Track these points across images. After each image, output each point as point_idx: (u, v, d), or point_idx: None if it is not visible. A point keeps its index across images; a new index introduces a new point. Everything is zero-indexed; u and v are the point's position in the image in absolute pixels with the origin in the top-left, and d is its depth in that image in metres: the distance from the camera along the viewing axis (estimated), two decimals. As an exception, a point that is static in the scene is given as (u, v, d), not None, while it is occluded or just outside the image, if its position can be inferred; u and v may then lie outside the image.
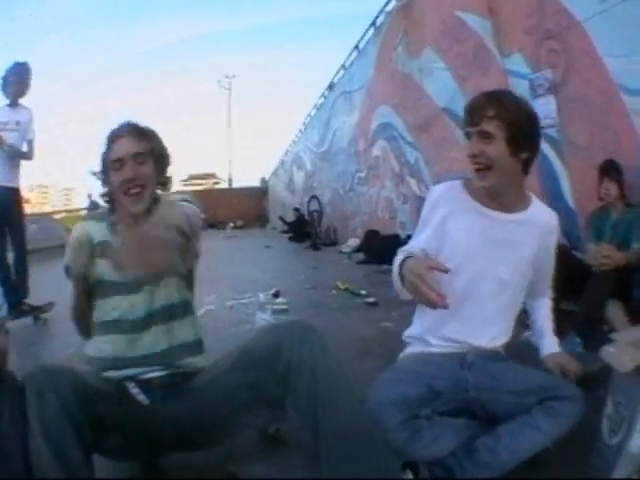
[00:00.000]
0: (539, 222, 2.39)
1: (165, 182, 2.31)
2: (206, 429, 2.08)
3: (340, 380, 1.77)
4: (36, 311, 5.96)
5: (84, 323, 2.25)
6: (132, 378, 2.10)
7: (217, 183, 60.51)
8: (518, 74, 5.91)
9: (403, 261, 2.05)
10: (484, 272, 2.35)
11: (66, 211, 28.06)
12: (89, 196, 16.91)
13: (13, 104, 6.06)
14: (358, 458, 1.67)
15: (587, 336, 3.68)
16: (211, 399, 2.03)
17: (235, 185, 40.15)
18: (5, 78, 6.02)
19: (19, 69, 6.09)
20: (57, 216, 22.46)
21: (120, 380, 2.09)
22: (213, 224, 27.15)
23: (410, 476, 2.02)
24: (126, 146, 2.15)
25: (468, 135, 2.28)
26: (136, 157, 2.13)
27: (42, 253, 11.17)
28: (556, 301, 3.75)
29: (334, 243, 15.23)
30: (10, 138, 5.89)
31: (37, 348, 4.84)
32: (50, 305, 6.03)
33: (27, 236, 6.30)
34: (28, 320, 5.88)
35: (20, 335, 5.35)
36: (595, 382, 2.49)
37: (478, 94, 2.33)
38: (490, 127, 2.19)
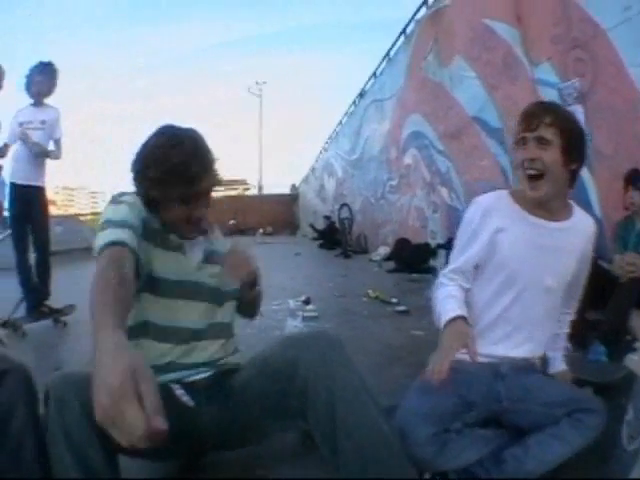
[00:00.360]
0: (582, 229, 2.42)
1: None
2: (243, 429, 2.07)
3: (360, 396, 1.73)
4: (56, 314, 5.95)
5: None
6: (177, 381, 2.07)
7: (247, 189, 60.24)
8: (547, 83, 5.90)
9: (448, 320, 2.16)
10: (532, 281, 2.36)
11: (93, 214, 28.12)
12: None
13: (37, 103, 6.03)
14: (377, 475, 1.66)
15: (611, 345, 3.67)
16: (246, 399, 2.01)
17: (265, 191, 40.19)
18: (30, 77, 5.97)
19: (44, 69, 6.04)
20: (83, 219, 22.28)
21: (164, 383, 2.01)
22: (243, 230, 27.11)
23: None
24: None
25: (524, 141, 2.29)
26: None
27: (66, 255, 11.14)
28: (582, 311, 3.77)
29: (364, 251, 15.22)
30: (35, 137, 5.87)
31: (57, 351, 4.90)
32: (71, 308, 6.01)
33: (51, 237, 6.28)
34: (48, 322, 5.89)
35: (40, 337, 5.43)
36: (617, 390, 2.52)
37: (532, 103, 2.39)
38: (548, 134, 2.23)
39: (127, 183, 2.10)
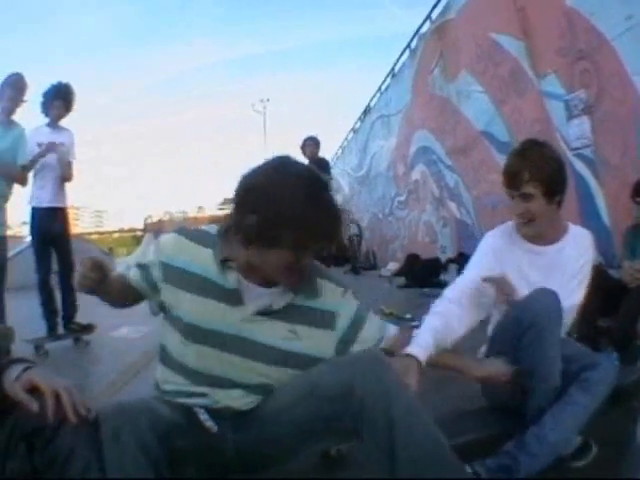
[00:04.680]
0: (578, 242, 2.69)
1: None
2: (272, 457, 2.01)
3: (417, 412, 1.73)
4: (86, 329, 6.04)
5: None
6: (204, 406, 1.99)
7: (253, 208, 60.28)
8: (553, 95, 5.95)
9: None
10: None
11: (98, 233, 28.27)
12: (146, 219, 16.84)
13: (53, 125, 6.10)
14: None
15: (623, 350, 3.70)
16: (280, 429, 1.93)
17: (272, 208, 39.52)
18: (47, 99, 6.05)
19: (62, 91, 6.14)
20: (88, 237, 22.34)
21: (190, 407, 1.97)
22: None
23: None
24: None
25: (511, 196, 2.61)
26: None
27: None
28: (593, 318, 3.85)
29: (374, 267, 15.24)
30: (51, 159, 5.94)
31: (80, 370, 4.90)
32: (90, 327, 6.09)
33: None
34: (68, 342, 5.97)
35: (63, 357, 5.47)
36: (631, 393, 2.59)
37: (511, 155, 2.67)
38: (529, 189, 2.55)
39: (129, 202, 1.88)
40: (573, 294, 2.61)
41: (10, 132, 5.42)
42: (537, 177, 2.52)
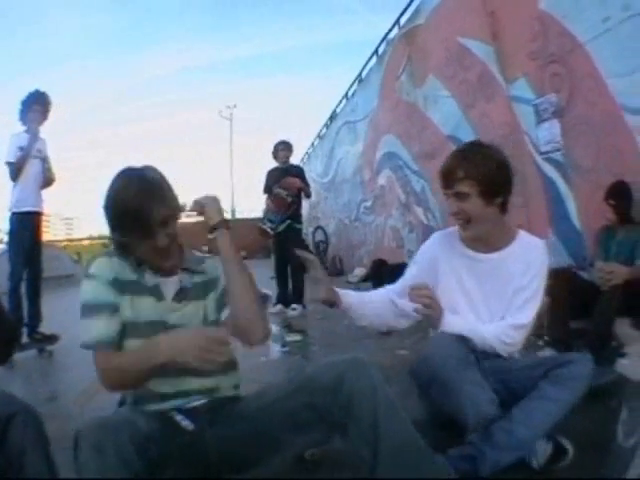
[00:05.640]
0: (525, 251, 2.60)
1: None
2: (258, 450, 2.10)
3: (398, 412, 1.96)
4: (50, 340, 5.98)
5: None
6: (178, 409, 2.14)
7: (220, 213, 59.94)
8: (522, 99, 5.97)
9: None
10: (478, 308, 2.63)
11: (68, 240, 28.19)
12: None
13: (32, 131, 6.11)
14: (413, 468, 1.92)
15: (598, 352, 3.70)
16: (267, 421, 2.08)
17: (238, 216, 39.86)
18: (27, 105, 6.10)
19: (40, 98, 6.21)
20: (59, 245, 22.36)
21: (165, 412, 2.12)
22: (216, 255, 26.89)
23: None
24: None
25: (447, 196, 2.57)
26: None
27: (47, 282, 11.28)
28: (565, 321, 3.86)
29: (340, 273, 15.15)
30: (35, 165, 6.07)
31: (48, 381, 4.88)
32: (55, 338, 6.05)
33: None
34: (32, 352, 5.88)
35: (29, 367, 5.40)
36: (607, 394, 2.58)
37: (449, 155, 2.61)
38: (464, 187, 2.48)
39: (99, 208, 2.20)
40: (520, 312, 2.56)
41: None
42: (472, 175, 2.47)
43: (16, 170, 5.92)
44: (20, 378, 5.14)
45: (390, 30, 10.41)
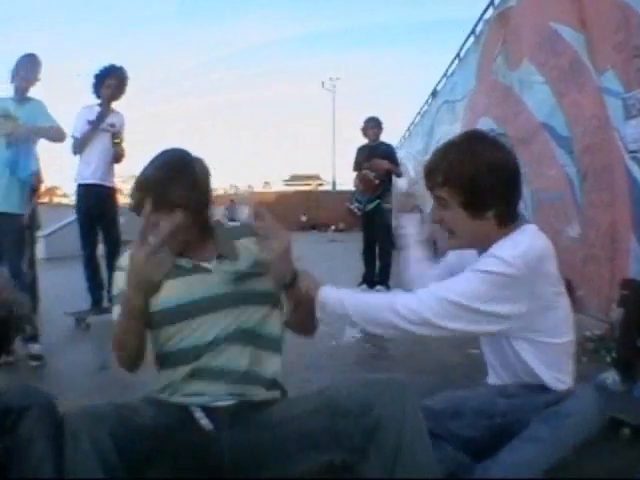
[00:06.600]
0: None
1: None
2: (268, 460, 2.05)
3: (424, 444, 1.84)
4: None
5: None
6: (200, 405, 2.10)
7: (321, 185, 59.80)
8: (612, 92, 5.53)
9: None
10: None
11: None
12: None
13: (105, 105, 6.19)
14: None
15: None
16: (286, 435, 2.01)
17: (339, 188, 39.84)
18: (100, 79, 6.17)
19: (116, 72, 6.24)
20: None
21: (186, 405, 2.10)
22: (315, 226, 26.81)
23: None
24: None
25: (432, 196, 2.19)
26: None
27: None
28: (632, 337, 3.51)
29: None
30: (104, 139, 6.08)
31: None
32: None
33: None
34: (110, 317, 6.02)
35: (106, 331, 5.56)
36: None
37: (434, 150, 2.24)
38: (443, 193, 2.11)
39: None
40: (450, 282, 2.15)
41: (24, 106, 5.26)
42: (452, 183, 2.06)
43: (81, 144, 6.03)
44: (93, 341, 5.55)
45: (486, 10, 10.01)
